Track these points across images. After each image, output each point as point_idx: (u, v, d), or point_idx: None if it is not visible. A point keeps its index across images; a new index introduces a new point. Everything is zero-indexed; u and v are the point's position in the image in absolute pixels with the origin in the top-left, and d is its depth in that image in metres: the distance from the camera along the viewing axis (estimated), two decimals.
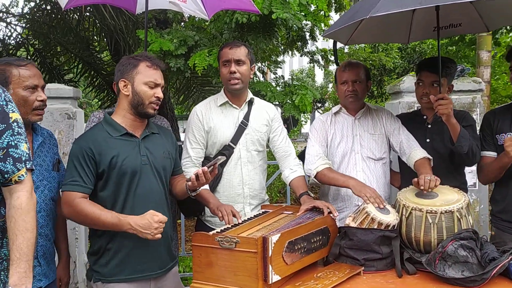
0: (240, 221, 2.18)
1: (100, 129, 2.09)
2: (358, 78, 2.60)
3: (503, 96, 10.24)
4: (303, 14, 3.81)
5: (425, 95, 2.59)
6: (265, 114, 2.65)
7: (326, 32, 2.59)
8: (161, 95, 2.10)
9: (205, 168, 2.08)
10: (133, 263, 2.05)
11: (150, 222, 1.91)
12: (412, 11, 2.72)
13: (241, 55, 2.49)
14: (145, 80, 2.06)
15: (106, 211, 1.96)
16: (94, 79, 6.70)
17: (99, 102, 7.71)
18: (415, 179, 2.21)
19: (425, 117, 2.68)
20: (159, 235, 1.93)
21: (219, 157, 2.22)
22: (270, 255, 1.79)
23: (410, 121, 2.70)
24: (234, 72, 2.47)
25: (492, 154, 2.58)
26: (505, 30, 7.75)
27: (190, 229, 5.89)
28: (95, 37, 6.63)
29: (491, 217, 2.58)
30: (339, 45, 10.21)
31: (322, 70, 11.33)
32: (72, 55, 6.39)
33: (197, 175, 2.08)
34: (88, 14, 5.98)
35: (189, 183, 2.12)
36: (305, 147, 2.71)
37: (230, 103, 2.57)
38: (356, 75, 2.59)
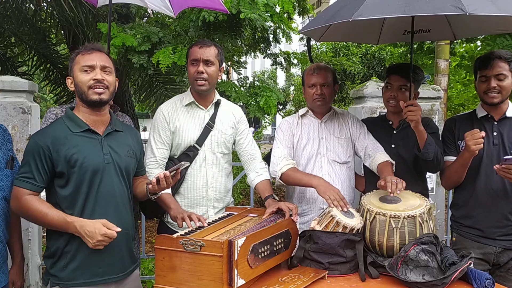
0: (205, 225, 2.13)
1: (60, 124, 1.99)
2: (326, 81, 2.61)
3: (456, 104, 10.68)
4: (269, 15, 3.81)
5: (392, 98, 2.62)
6: (232, 116, 2.61)
7: (303, 29, 2.57)
8: (99, 76, 1.97)
9: (167, 172, 2.00)
10: (93, 266, 1.97)
11: (96, 232, 1.83)
12: None
13: (211, 56, 2.43)
14: (79, 67, 1.98)
15: (54, 210, 1.88)
16: (50, 73, 6.43)
17: (55, 97, 7.42)
18: (381, 182, 2.23)
19: (390, 122, 2.72)
20: (100, 247, 1.87)
21: (183, 162, 2.15)
22: (236, 259, 1.76)
23: (376, 126, 2.74)
24: (202, 72, 2.41)
25: (453, 159, 2.65)
26: (460, 41, 8.06)
27: (149, 230, 5.77)
28: (52, 29, 6.37)
29: (451, 223, 2.64)
30: (303, 48, 10.30)
31: (284, 72, 11.41)
32: (27, 46, 6.10)
33: (158, 179, 2.00)
34: (45, 4, 5.73)
35: (150, 186, 2.04)
36: (271, 149, 2.70)
37: (197, 103, 2.52)
38: (324, 78, 2.60)
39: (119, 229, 1.87)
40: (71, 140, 1.94)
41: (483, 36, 6.45)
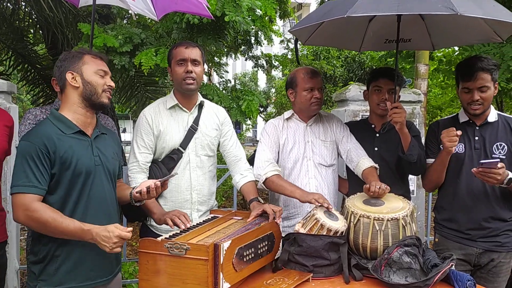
0: (189, 225, 2.13)
1: (49, 125, 1.92)
2: (321, 85, 2.65)
3: (433, 107, 10.88)
4: (251, 19, 3.82)
5: (383, 101, 2.63)
6: (215, 117, 2.60)
7: (295, 27, 2.56)
8: (112, 84, 2.04)
9: (158, 182, 2.04)
10: (85, 270, 1.94)
11: (110, 236, 1.77)
12: (368, 20, 2.78)
13: (197, 56, 2.45)
14: (94, 69, 1.99)
15: (67, 219, 1.81)
16: (28, 73, 6.31)
17: (32, 98, 7.29)
18: (366, 186, 2.26)
19: (373, 125, 2.75)
20: (118, 249, 1.81)
21: (173, 173, 2.20)
22: (221, 263, 1.75)
23: (359, 129, 2.76)
24: (191, 72, 2.42)
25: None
26: None
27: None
28: (30, 28, 6.25)
29: (434, 225, 2.69)
30: (283, 51, 10.35)
31: (265, 74, 11.45)
32: (5, 46, 5.98)
33: (148, 189, 2.02)
34: (23, 3, 5.63)
35: (137, 194, 2.05)
36: (255, 151, 2.69)
37: (180, 106, 2.50)
38: (320, 82, 2.64)
39: (131, 229, 1.83)
40: (63, 141, 1.89)
41: None
